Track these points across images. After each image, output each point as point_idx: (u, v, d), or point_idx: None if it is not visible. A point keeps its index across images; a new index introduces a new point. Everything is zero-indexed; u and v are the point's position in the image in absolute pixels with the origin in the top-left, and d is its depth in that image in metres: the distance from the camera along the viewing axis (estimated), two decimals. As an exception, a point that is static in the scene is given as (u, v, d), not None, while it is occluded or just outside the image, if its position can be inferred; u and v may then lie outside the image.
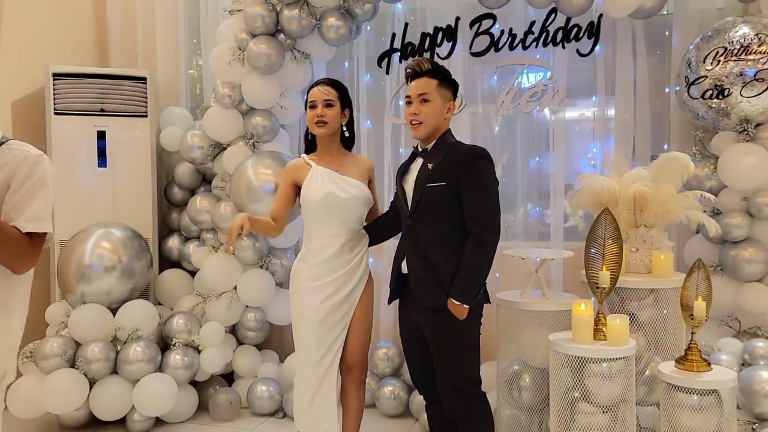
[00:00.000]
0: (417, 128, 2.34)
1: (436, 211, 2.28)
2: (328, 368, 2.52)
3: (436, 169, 2.29)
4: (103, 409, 3.25)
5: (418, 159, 2.40)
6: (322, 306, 2.51)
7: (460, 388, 2.31)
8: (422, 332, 2.38)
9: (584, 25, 3.41)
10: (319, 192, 2.50)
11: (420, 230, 2.32)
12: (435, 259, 2.28)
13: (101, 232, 3.49)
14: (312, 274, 2.53)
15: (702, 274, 2.42)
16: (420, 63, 2.35)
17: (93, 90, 3.75)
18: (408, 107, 2.35)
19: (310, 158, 2.61)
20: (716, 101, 3.02)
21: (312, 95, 2.57)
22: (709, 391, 2.32)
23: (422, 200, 2.29)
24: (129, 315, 3.40)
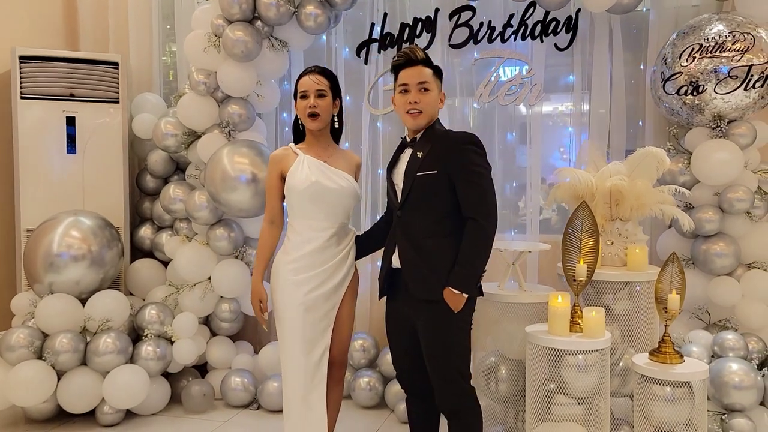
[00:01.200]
0: (417, 117, 2.26)
1: (427, 201, 2.24)
2: (318, 363, 2.42)
3: (426, 158, 2.24)
4: (71, 402, 3.18)
5: (406, 149, 2.35)
6: (306, 298, 2.42)
7: (453, 382, 2.27)
8: (412, 327, 2.33)
9: (562, 20, 3.44)
10: (306, 180, 2.41)
11: (411, 221, 2.27)
12: (428, 249, 2.23)
13: (70, 220, 3.40)
14: (294, 267, 2.44)
15: (676, 267, 2.45)
16: (414, 50, 2.28)
17: (62, 74, 3.64)
18: (404, 96, 2.27)
19: (298, 147, 2.52)
20: (691, 97, 3.06)
21: (303, 85, 2.46)
22: (682, 383, 2.36)
23: (413, 190, 2.24)
24: (99, 305, 3.32)
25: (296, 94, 2.50)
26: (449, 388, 2.28)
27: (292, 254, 2.46)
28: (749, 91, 2.97)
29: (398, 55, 2.33)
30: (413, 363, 2.40)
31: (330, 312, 2.47)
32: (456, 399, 2.28)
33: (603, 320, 2.43)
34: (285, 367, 2.47)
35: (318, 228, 2.45)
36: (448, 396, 2.28)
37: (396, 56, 2.33)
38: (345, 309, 2.52)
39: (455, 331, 2.26)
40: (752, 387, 2.76)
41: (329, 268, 2.45)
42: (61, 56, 3.66)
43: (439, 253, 2.23)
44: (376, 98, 3.78)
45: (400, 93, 2.29)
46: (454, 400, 2.28)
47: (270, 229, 2.54)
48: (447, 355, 2.25)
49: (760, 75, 2.95)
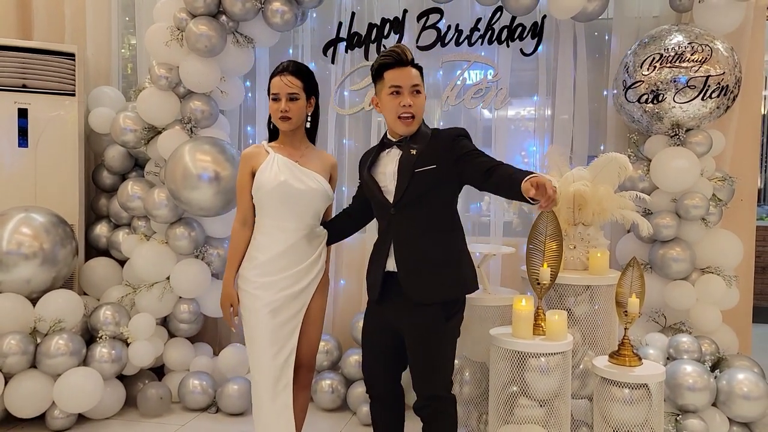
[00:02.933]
0: (410, 123, 2.20)
1: (425, 196, 2.18)
2: (284, 366, 2.37)
3: (423, 154, 2.18)
4: (19, 406, 3.05)
5: (392, 149, 2.27)
6: (273, 299, 2.36)
7: (436, 390, 2.23)
8: (395, 332, 2.28)
9: (528, 25, 3.49)
10: (273, 180, 2.34)
11: (407, 218, 2.20)
12: (426, 246, 2.19)
13: (21, 216, 3.26)
14: (262, 270, 2.37)
15: (636, 272, 2.50)
16: (405, 50, 2.19)
17: (14, 64, 3.50)
18: (395, 98, 2.18)
19: (270, 146, 2.45)
20: (651, 106, 3.14)
21: (275, 86, 2.37)
22: (640, 384, 2.41)
23: (410, 186, 2.17)
24: (51, 305, 3.20)
25: (269, 93, 2.43)
26: (432, 394, 2.23)
27: (259, 256, 2.39)
28: (706, 101, 3.06)
29: (386, 54, 2.21)
30: (387, 369, 2.36)
31: (297, 314, 2.41)
32: (436, 406, 2.24)
33: (566, 323, 2.46)
34: (253, 369, 2.43)
35: (286, 229, 2.39)
36: (429, 403, 2.24)
37: (384, 55, 2.22)
38: (313, 311, 2.46)
39: (447, 340, 2.23)
40: (705, 388, 2.84)
41: (299, 271, 2.39)
42: (13, 45, 3.52)
43: (438, 251, 2.20)
44: (342, 98, 3.75)
45: (390, 95, 2.19)
46: (436, 406, 2.24)
47: (242, 229, 2.45)
48: (436, 362, 2.22)
49: (716, 86, 3.04)
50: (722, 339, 3.18)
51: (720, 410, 2.91)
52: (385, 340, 2.33)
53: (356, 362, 3.44)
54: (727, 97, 3.09)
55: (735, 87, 3.11)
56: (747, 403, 2.85)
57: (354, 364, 3.45)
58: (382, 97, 2.24)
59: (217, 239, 3.64)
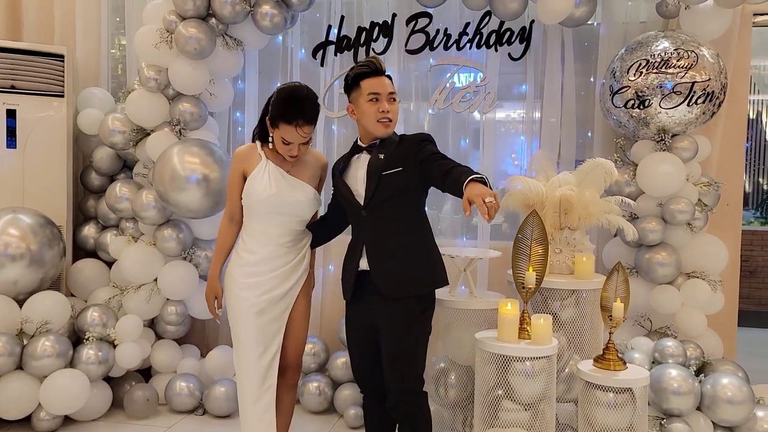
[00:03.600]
0: (388, 126, 2.32)
1: (393, 198, 2.30)
2: (269, 367, 2.40)
3: (389, 158, 2.30)
4: (5, 408, 3.03)
5: (361, 155, 2.38)
6: (259, 299, 2.40)
7: (408, 386, 2.30)
8: (374, 329, 2.35)
9: (517, 30, 3.51)
10: (264, 192, 2.38)
11: (378, 220, 2.31)
12: (397, 246, 2.30)
13: (8, 217, 3.25)
14: (247, 271, 2.42)
15: (621, 276, 2.52)
16: (379, 61, 2.34)
17: (2, 65, 3.49)
18: (374, 104, 2.30)
19: (264, 150, 2.45)
20: (637, 111, 3.16)
21: (290, 136, 2.33)
22: (625, 389, 2.42)
23: (378, 189, 2.28)
24: (38, 307, 3.19)
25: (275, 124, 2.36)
26: (404, 390, 2.30)
27: (245, 257, 2.45)
28: (692, 107, 3.09)
29: (363, 64, 2.34)
30: (374, 366, 2.41)
31: (282, 315, 2.45)
32: (409, 402, 2.31)
33: (551, 327, 2.47)
34: (238, 370, 2.46)
35: (272, 234, 2.44)
36: (402, 399, 2.30)
37: (361, 65, 2.34)
38: (298, 312, 2.49)
39: (419, 334, 2.33)
40: (690, 393, 2.86)
41: (283, 272, 2.44)
42: (2, 46, 3.51)
43: (408, 249, 2.31)
44: (332, 101, 3.76)
45: (369, 101, 2.30)
46: (408, 404, 2.31)
47: (230, 225, 2.52)
48: (409, 356, 2.31)
49: (702, 92, 3.07)
50: (707, 343, 3.21)
51: (704, 414, 2.93)
52: (367, 337, 2.40)
53: (343, 364, 3.45)
54: (713, 103, 3.12)
55: (721, 93, 3.13)
56: (731, 407, 2.87)
57: (341, 366, 3.46)
58: (359, 104, 2.34)
59: (205, 241, 3.64)
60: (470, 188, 1.96)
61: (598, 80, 3.52)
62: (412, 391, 2.32)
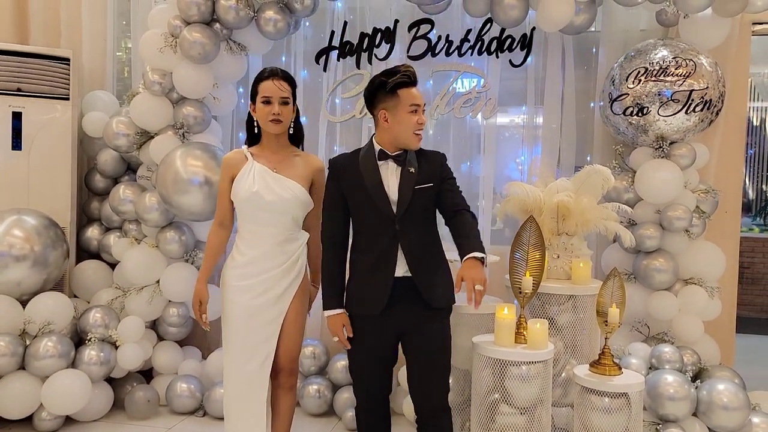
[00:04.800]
0: (421, 138, 2.34)
1: (423, 212, 2.33)
2: (259, 370, 2.43)
3: (420, 173, 2.31)
4: (7, 407, 3.07)
5: (389, 162, 2.31)
6: (250, 304, 2.44)
7: (443, 393, 2.33)
8: (395, 342, 2.34)
9: (517, 37, 3.54)
10: (246, 191, 2.43)
11: (412, 233, 2.30)
12: (428, 257, 2.33)
13: (13, 219, 3.29)
14: (240, 273, 2.46)
15: (617, 282, 2.54)
16: (415, 72, 2.30)
17: (9, 68, 3.53)
18: (413, 115, 2.27)
19: (251, 151, 2.51)
20: (636, 118, 3.18)
21: (266, 90, 2.42)
22: (620, 394, 2.44)
23: (413, 203, 2.28)
24: (41, 308, 3.23)
25: (254, 96, 2.46)
26: (439, 398, 2.31)
27: (237, 259, 2.49)
28: (690, 115, 3.11)
29: (404, 73, 2.26)
30: (384, 375, 2.41)
31: (276, 319, 2.46)
32: (442, 410, 2.33)
33: (546, 332, 2.49)
34: (228, 369, 2.49)
35: (262, 234, 2.46)
36: (436, 406, 2.31)
37: (401, 74, 2.25)
38: (292, 315, 2.50)
39: (450, 344, 2.38)
40: (686, 398, 2.88)
41: (275, 275, 2.46)
42: (9, 49, 3.55)
43: (437, 260, 2.37)
44: (334, 105, 3.79)
45: (410, 113, 2.26)
46: (440, 411, 2.32)
47: (218, 231, 2.57)
48: (445, 365, 2.35)
49: (700, 100, 3.09)
50: (704, 350, 3.22)
51: (700, 420, 2.95)
52: (385, 350, 2.36)
53: (343, 367, 3.47)
54: (711, 111, 3.14)
55: (719, 101, 3.16)
56: (726, 413, 2.88)
57: (341, 369, 3.48)
58: (398, 113, 2.26)
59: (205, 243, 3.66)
60: (467, 266, 2.12)
61: (597, 87, 3.55)
62: (444, 398, 2.33)
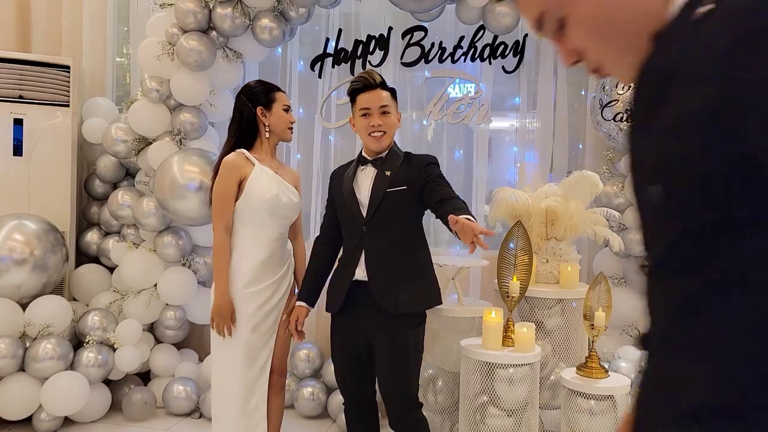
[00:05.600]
0: (381, 139, 2.33)
1: (395, 216, 2.32)
2: (260, 372, 2.49)
3: (395, 176, 2.32)
4: (7, 408, 3.13)
5: (367, 167, 2.39)
6: (255, 313, 2.45)
7: (407, 399, 2.34)
8: (365, 341, 2.37)
9: (510, 44, 3.58)
10: (266, 193, 2.43)
11: (378, 236, 2.32)
12: (397, 262, 2.31)
13: (14, 223, 3.35)
14: (247, 279, 2.46)
15: (603, 286, 2.58)
16: (372, 74, 2.35)
17: (11, 75, 3.60)
18: (366, 119, 2.32)
19: (251, 153, 2.52)
20: (626, 124, 3.22)
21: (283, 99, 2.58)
22: (606, 396, 2.48)
23: (381, 206, 2.30)
24: (40, 310, 3.28)
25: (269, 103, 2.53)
26: (404, 404, 2.33)
27: (243, 265, 2.46)
28: (679, 121, 3.14)
29: (356, 79, 2.36)
30: (362, 375, 2.43)
31: (272, 327, 2.53)
32: (409, 415, 2.33)
33: (533, 335, 2.53)
34: (225, 376, 2.49)
35: (267, 239, 2.49)
36: (403, 413, 2.33)
37: (354, 81, 2.37)
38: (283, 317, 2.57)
39: (416, 348, 2.35)
40: (674, 401, 2.90)
41: (276, 281, 2.51)
42: (11, 57, 3.63)
43: (406, 265, 2.33)
44: (329, 112, 3.84)
45: (361, 116, 2.33)
46: (407, 416, 2.33)
47: (227, 238, 2.47)
48: (405, 371, 2.32)
49: (688, 106, 3.11)
50: (695, 353, 3.24)
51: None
52: (356, 349, 2.40)
53: (337, 370, 3.51)
54: (700, 116, 3.17)
55: (708, 107, 3.18)
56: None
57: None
58: (355, 117, 2.38)
59: (204, 248, 3.72)
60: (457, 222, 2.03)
61: (589, 93, 3.59)
62: (411, 404, 2.34)
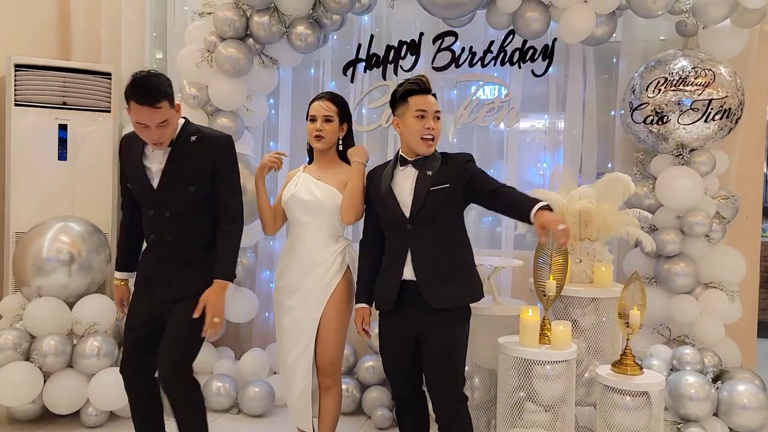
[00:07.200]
0: (431, 144, 2.43)
1: (439, 213, 2.40)
2: (294, 365, 2.63)
3: (436, 175, 2.41)
4: (56, 403, 3.25)
5: (407, 167, 2.47)
6: (281, 307, 2.68)
7: (456, 393, 2.41)
8: (414, 339, 2.44)
9: (539, 48, 3.63)
10: (287, 193, 2.68)
11: (423, 233, 2.40)
12: (443, 259, 2.40)
13: (60, 225, 3.48)
14: (279, 275, 2.71)
15: (638, 285, 2.64)
16: (427, 80, 2.44)
17: (56, 83, 3.74)
18: (420, 121, 2.40)
19: (306, 166, 2.77)
20: (656, 126, 3.27)
21: (312, 109, 2.67)
22: (640, 392, 2.54)
23: (426, 204, 2.38)
24: (86, 309, 3.40)
25: (308, 117, 2.69)
26: (454, 398, 2.40)
27: (281, 261, 2.73)
28: (709, 123, 3.19)
29: (412, 81, 2.43)
30: (414, 373, 2.52)
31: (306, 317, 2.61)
32: (457, 406, 2.41)
33: (570, 333, 2.60)
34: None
35: (303, 238, 2.65)
36: (453, 407, 2.39)
37: (410, 82, 2.44)
38: (326, 317, 2.62)
39: (463, 342, 2.45)
40: (706, 399, 2.96)
41: (310, 277, 2.61)
42: (56, 66, 3.76)
43: (451, 261, 2.42)
44: (361, 115, 3.93)
45: (416, 118, 2.40)
46: (455, 408, 2.40)
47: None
48: (455, 363, 2.42)
49: (719, 108, 3.17)
50: (725, 352, 3.29)
51: (721, 420, 3.02)
52: (406, 349, 2.48)
53: (371, 368, 3.61)
54: (730, 119, 3.22)
55: (738, 109, 3.23)
56: (746, 413, 2.96)
57: (369, 369, 3.62)
58: (406, 119, 2.44)
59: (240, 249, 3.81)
60: (541, 216, 2.17)
61: (618, 96, 3.64)
62: (460, 397, 2.42)
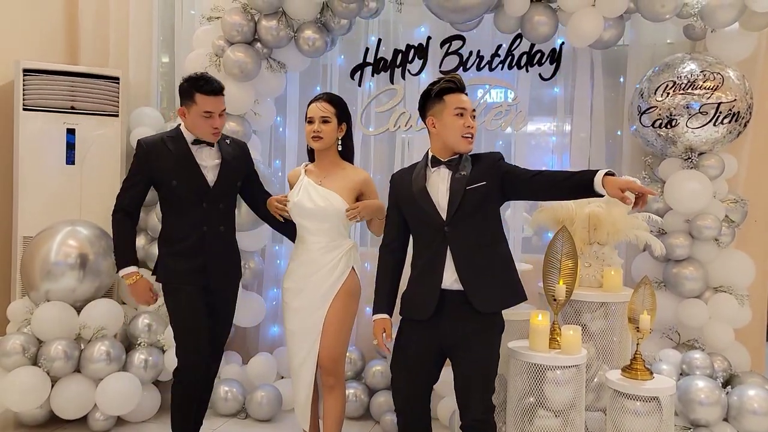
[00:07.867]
0: (471, 142, 2.39)
1: (477, 213, 2.35)
2: (299, 367, 2.69)
3: (471, 174, 2.37)
4: (64, 408, 3.25)
5: (440, 168, 2.42)
6: (288, 309, 2.74)
7: (487, 403, 2.36)
8: (440, 352, 2.40)
9: (547, 51, 3.62)
10: (291, 201, 2.73)
11: (462, 234, 2.35)
12: (483, 258, 2.35)
13: (68, 229, 3.49)
14: (286, 277, 2.77)
15: (647, 290, 2.63)
16: (461, 79, 2.41)
17: (64, 87, 3.75)
18: (461, 119, 2.36)
19: (306, 168, 2.79)
20: (665, 130, 3.27)
21: (310, 111, 2.69)
22: (651, 398, 2.53)
23: (463, 204, 2.33)
24: (94, 314, 3.41)
25: (306, 118, 2.72)
26: (482, 405, 2.33)
27: (289, 265, 2.80)
28: (718, 127, 3.18)
29: (447, 80, 2.39)
30: (426, 389, 2.45)
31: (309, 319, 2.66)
32: (485, 415, 2.35)
33: (580, 338, 2.59)
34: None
35: (309, 242, 2.70)
36: (480, 413, 2.32)
37: (445, 81, 2.39)
38: (330, 318, 2.64)
39: (497, 349, 2.42)
40: (716, 404, 2.95)
41: (313, 280, 2.66)
42: (64, 70, 3.77)
43: (496, 262, 2.39)
44: (369, 119, 3.93)
45: (455, 116, 2.36)
46: (482, 417, 2.34)
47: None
48: (491, 372, 2.38)
49: (728, 112, 3.16)
50: (735, 356, 3.28)
51: (731, 425, 3.01)
52: (428, 361, 2.42)
53: (379, 372, 3.60)
54: (739, 122, 3.21)
55: (746, 113, 3.22)
56: (757, 418, 2.94)
57: (377, 374, 3.61)
58: (443, 117, 2.38)
59: (248, 252, 3.82)
60: (615, 180, 2.13)
61: (626, 100, 3.63)
62: (489, 407, 2.36)
